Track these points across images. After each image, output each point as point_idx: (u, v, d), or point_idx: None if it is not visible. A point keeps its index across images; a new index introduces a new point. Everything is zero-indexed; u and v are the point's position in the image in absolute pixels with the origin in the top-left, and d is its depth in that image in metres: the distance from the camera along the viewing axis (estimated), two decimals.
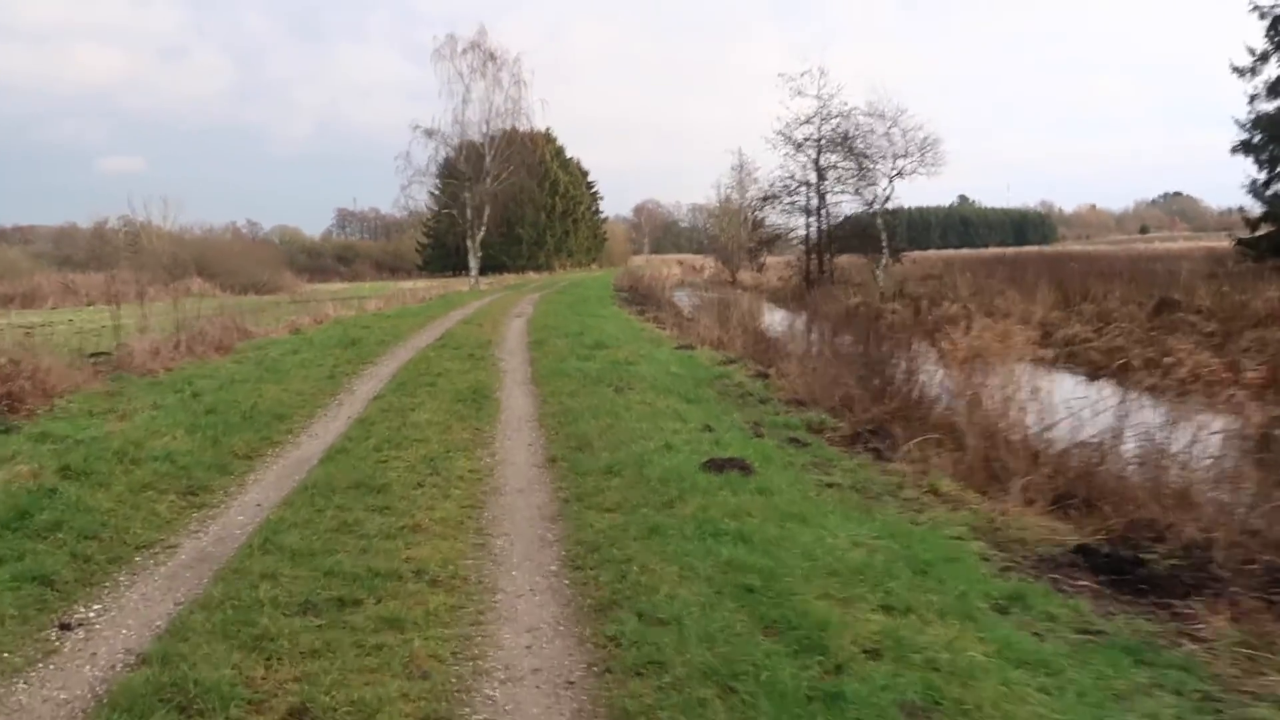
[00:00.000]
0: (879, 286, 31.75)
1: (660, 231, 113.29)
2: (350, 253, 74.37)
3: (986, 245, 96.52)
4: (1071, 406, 7.27)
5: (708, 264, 77.90)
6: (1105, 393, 10.37)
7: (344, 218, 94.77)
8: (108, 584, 4.07)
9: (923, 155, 31.47)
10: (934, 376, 9.41)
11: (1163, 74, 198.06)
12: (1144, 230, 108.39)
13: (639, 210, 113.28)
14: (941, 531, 4.93)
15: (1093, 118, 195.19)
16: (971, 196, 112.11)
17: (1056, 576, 4.41)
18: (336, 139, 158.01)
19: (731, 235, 62.46)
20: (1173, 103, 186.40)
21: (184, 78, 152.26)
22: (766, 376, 10.49)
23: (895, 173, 31.95)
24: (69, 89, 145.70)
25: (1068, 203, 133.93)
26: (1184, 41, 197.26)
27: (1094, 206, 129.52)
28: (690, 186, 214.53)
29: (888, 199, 32.83)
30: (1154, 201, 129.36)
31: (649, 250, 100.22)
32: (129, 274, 47.38)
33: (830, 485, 5.97)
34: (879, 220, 32.77)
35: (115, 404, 8.18)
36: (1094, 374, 15.57)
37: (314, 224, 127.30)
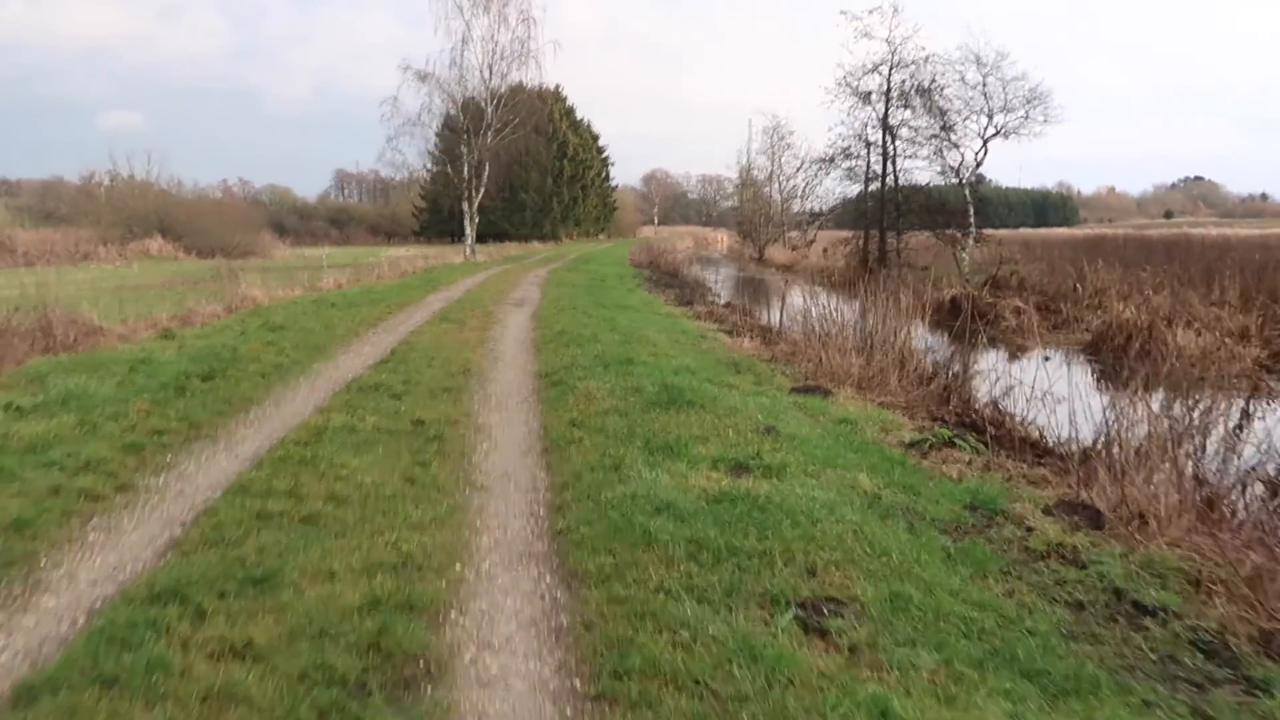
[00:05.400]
0: (963, 273, 25.57)
1: (669, 202, 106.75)
2: (344, 215, 68.05)
3: (1009, 226, 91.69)
4: None
5: (724, 238, 71.17)
6: None
7: (343, 179, 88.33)
8: None
9: (1029, 111, 24.98)
10: None
11: (1165, 62, 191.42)
12: (1168, 215, 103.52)
13: (648, 179, 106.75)
14: None
15: (1098, 102, 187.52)
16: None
17: None
18: (336, 101, 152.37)
19: (758, 208, 55.76)
20: (1173, 90, 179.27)
21: (182, 35, 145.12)
22: (1096, 521, 4.49)
23: (993, 132, 25.49)
24: (69, 44, 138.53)
25: (1085, 185, 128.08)
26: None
27: (1113, 189, 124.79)
28: (693, 157, 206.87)
29: (979, 164, 26.44)
30: (1174, 185, 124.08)
31: (658, 222, 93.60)
32: (87, 232, 41.61)
33: None
34: (966, 191, 26.45)
35: None
36: None
37: (313, 186, 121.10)
